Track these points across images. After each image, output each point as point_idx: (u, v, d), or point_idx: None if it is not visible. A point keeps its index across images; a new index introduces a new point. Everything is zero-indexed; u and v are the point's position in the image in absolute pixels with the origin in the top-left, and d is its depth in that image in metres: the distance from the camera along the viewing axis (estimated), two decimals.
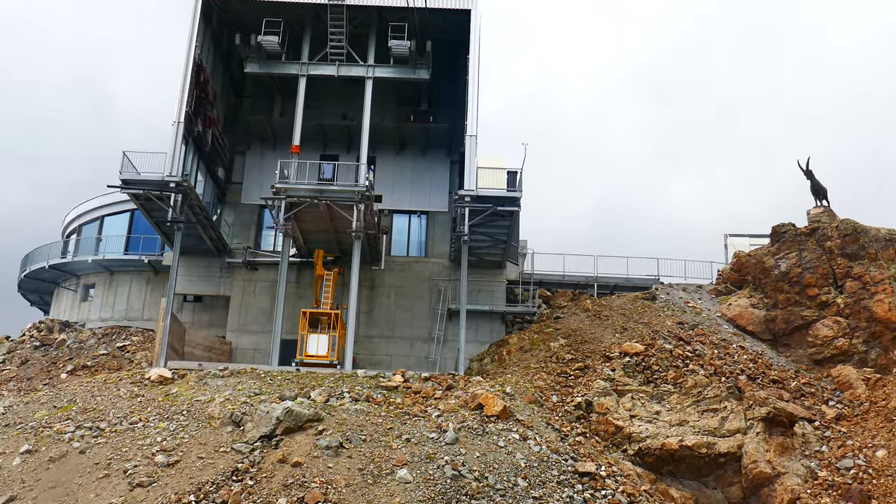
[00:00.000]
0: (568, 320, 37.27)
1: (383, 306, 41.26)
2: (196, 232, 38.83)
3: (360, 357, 40.30)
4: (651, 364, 31.66)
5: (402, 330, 40.87)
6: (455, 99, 42.99)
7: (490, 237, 38.25)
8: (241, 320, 41.25)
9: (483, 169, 35.69)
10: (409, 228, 43.04)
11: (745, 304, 39.13)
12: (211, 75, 39.89)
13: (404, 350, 40.65)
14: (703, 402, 30.17)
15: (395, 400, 29.05)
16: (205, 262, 42.09)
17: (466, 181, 35.41)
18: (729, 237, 47.55)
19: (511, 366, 33.95)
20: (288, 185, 35.24)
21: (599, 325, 36.12)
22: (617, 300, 39.81)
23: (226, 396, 28.52)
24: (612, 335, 34.87)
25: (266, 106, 44.23)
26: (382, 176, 43.36)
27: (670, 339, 34.46)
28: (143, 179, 35.11)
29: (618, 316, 37.16)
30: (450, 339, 40.62)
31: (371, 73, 38.69)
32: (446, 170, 43.34)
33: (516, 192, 35.36)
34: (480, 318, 40.70)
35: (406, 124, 42.79)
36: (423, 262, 42.04)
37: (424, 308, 41.06)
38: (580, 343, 34.16)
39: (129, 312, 43.47)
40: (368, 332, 40.89)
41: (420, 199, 43.01)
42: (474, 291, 40.77)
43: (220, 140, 41.30)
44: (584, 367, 31.94)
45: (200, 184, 39.66)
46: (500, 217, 36.19)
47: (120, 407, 28.77)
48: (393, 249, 42.51)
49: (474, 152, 35.92)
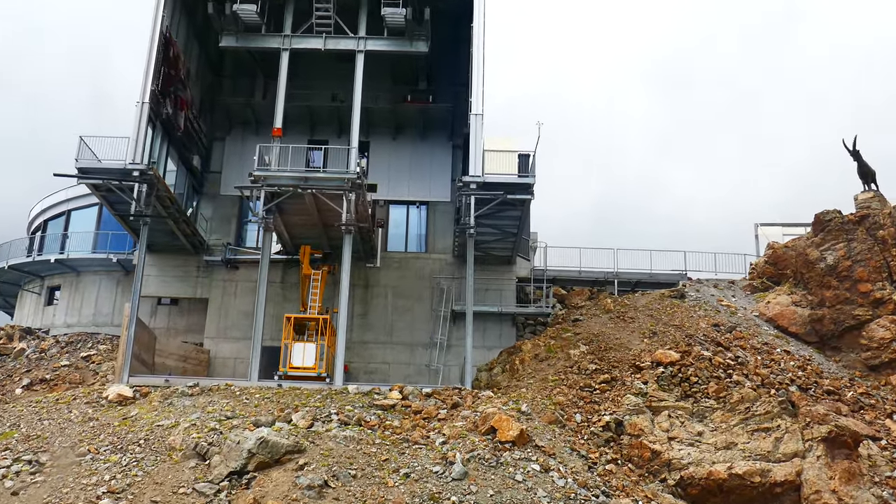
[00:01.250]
0: (588, 323, 32.89)
1: (379, 308, 36.93)
2: (167, 227, 34.48)
3: (354, 366, 36.00)
4: (689, 375, 27.30)
5: (400, 334, 36.54)
6: (457, 76, 38.43)
7: (498, 230, 33.86)
8: (220, 326, 36.93)
9: (491, 152, 31.27)
10: (407, 221, 38.67)
11: (785, 302, 34.77)
12: (183, 51, 35.44)
13: (403, 357, 36.34)
14: (753, 420, 25.81)
15: (391, 422, 24.71)
16: (180, 260, 37.73)
17: (472, 166, 30.99)
18: (760, 227, 43.16)
19: (525, 377, 29.60)
20: (268, 172, 30.84)
21: (625, 329, 31.75)
22: (641, 299, 35.43)
23: (192, 421, 24.17)
24: (640, 340, 30.50)
25: (247, 87, 39.77)
26: (377, 163, 39.00)
27: (707, 344, 30.10)
28: (102, 168, 30.71)
29: (644, 317, 32.78)
30: (454, 345, 36.30)
31: (362, 46, 34.23)
32: (448, 155, 38.92)
33: (529, 178, 30.93)
34: (488, 321, 36.37)
35: (403, 105, 38.34)
36: (423, 259, 37.68)
37: (425, 310, 36.74)
38: (604, 350, 29.78)
39: (98, 317, 39.12)
40: (363, 337, 36.56)
41: (419, 187, 38.62)
42: (481, 291, 36.41)
43: (194, 124, 36.89)
44: (610, 380, 27.57)
45: (171, 173, 35.26)
46: (510, 206, 31.79)
47: (69, 434, 24.44)
48: (389, 244, 38.14)
49: (480, 133, 31.48)
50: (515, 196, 30.81)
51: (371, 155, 39.14)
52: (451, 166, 38.69)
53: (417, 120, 38.60)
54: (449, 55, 38.34)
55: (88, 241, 40.43)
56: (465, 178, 30.88)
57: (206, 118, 38.76)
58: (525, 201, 31.36)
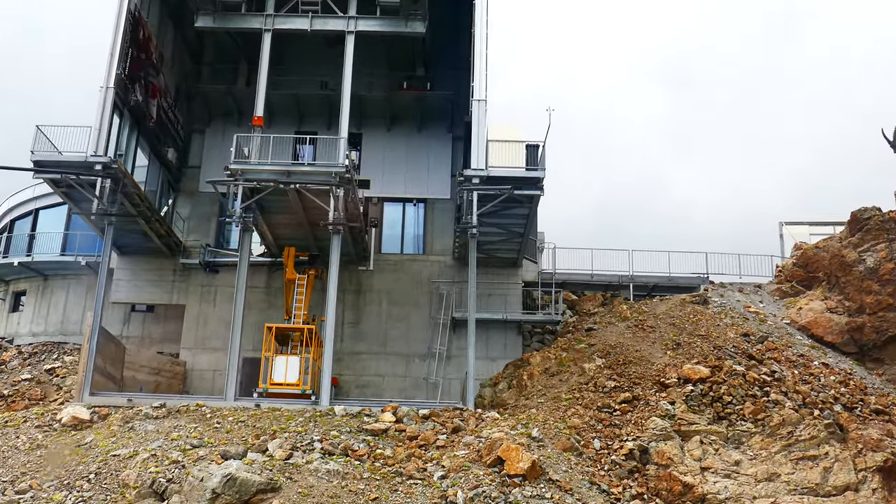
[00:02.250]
0: (603, 333, 29.64)
1: (373, 315, 33.68)
2: (138, 227, 31.25)
3: (345, 378, 32.79)
4: (721, 394, 24.04)
5: (395, 344, 33.30)
6: (457, 61, 35.14)
7: (503, 229, 30.61)
8: (198, 335, 33.70)
9: (495, 143, 28.03)
10: (403, 220, 35.42)
11: (819, 309, 31.52)
12: (156, 34, 32.21)
13: (399, 369, 33.11)
14: (797, 447, 22.58)
15: (383, 451, 21.45)
16: (154, 263, 34.48)
17: (474, 158, 27.75)
18: (785, 226, 39.91)
19: (535, 395, 26.35)
20: (247, 165, 27.58)
21: (645, 340, 28.50)
22: (660, 305, 32.16)
23: (152, 451, 20.92)
24: (663, 353, 27.26)
25: (230, 75, 36.50)
26: (370, 157, 35.77)
27: (738, 357, 26.85)
28: (60, 161, 27.46)
29: (666, 326, 29.53)
30: (454, 355, 33.07)
31: (352, 27, 30.92)
32: (448, 148, 35.67)
33: (538, 171, 27.67)
34: (492, 329, 33.14)
35: (398, 93, 35.07)
36: (420, 261, 34.45)
37: (423, 317, 33.51)
38: (623, 364, 26.53)
39: (66, 325, 35.89)
40: (355, 347, 33.34)
41: (416, 183, 35.38)
42: (484, 296, 33.15)
43: (169, 114, 33.65)
44: (632, 399, 24.32)
45: (142, 168, 32.03)
46: (516, 203, 28.55)
47: (12, 465, 21.24)
48: (384, 246, 34.90)
49: (483, 122, 28.25)
50: (523, 192, 27.55)
51: (364, 148, 35.90)
52: (450, 160, 35.47)
53: (414, 109, 35.35)
54: (448, 40, 35.13)
55: (57, 242, 37.20)
56: (467, 171, 27.65)
57: (183, 108, 35.52)
58: (533, 197, 28.11)
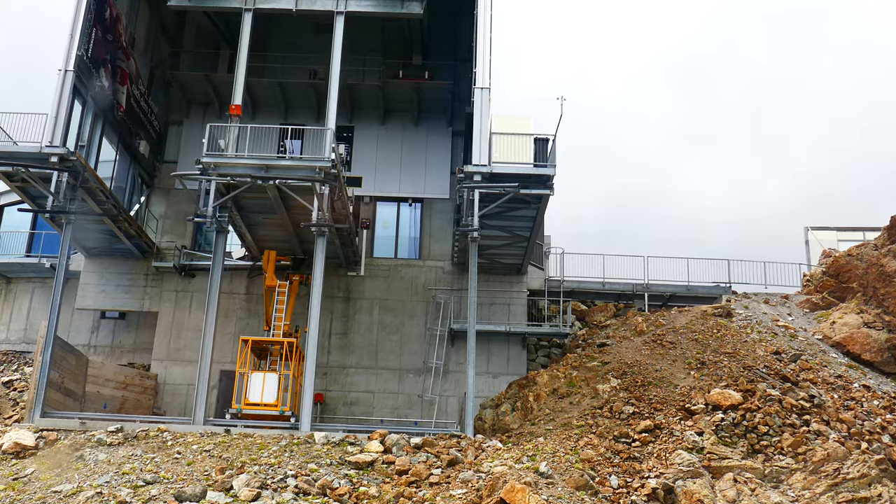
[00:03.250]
0: (618, 348, 26.66)
1: (363, 326, 30.73)
2: (104, 226, 28.34)
3: (332, 395, 29.90)
4: (756, 423, 21.06)
5: (387, 358, 30.36)
6: (458, 50, 32.47)
7: (508, 232, 27.68)
8: (171, 345, 30.78)
9: (500, 136, 25.07)
10: (397, 221, 32.48)
11: (855, 323, 28.55)
12: (127, 15, 29.32)
13: (391, 385, 30.16)
14: (845, 487, 19.58)
15: (367, 490, 18.46)
16: (126, 266, 31.61)
17: (476, 153, 24.80)
18: (811, 231, 36.95)
19: (542, 420, 23.36)
20: (221, 159, 24.64)
21: (665, 357, 25.52)
22: (679, 317, 29.18)
23: (98, 487, 17.95)
24: (686, 373, 24.29)
25: (210, 61, 33.59)
26: (363, 152, 32.87)
27: (771, 378, 23.88)
28: (13, 151, 24.51)
29: (687, 342, 26.55)
30: (452, 371, 30.16)
31: (342, 7, 27.95)
32: (447, 143, 32.77)
33: (547, 168, 24.72)
34: (494, 342, 30.24)
35: (394, 83, 32.11)
36: (416, 267, 31.52)
37: (418, 328, 30.61)
38: (642, 386, 23.56)
39: (29, 333, 32.81)
40: (343, 360, 30.41)
41: (412, 182, 32.46)
42: (485, 305, 30.32)
43: (142, 104, 30.72)
44: (654, 428, 21.33)
45: (107, 163, 29.09)
46: (522, 204, 25.61)
47: None
48: (376, 249, 31.98)
49: (486, 112, 25.31)
50: (530, 191, 24.58)
51: (355, 143, 33.00)
52: (450, 156, 32.58)
53: (411, 100, 32.40)
54: (449, 26, 32.43)
55: (22, 242, 34.24)
56: (468, 167, 24.70)
57: (159, 98, 32.59)
58: (542, 197, 25.15)
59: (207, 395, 28.11)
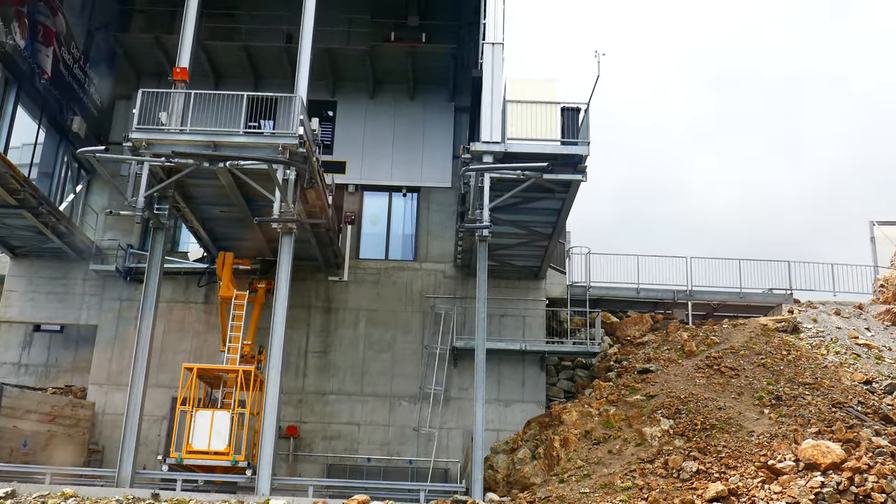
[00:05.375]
0: (665, 376, 21.12)
1: (346, 342, 25.27)
2: (25, 220, 22.87)
3: (308, 427, 24.55)
4: (869, 489, 15.50)
5: (376, 382, 24.93)
6: (462, 6, 26.73)
7: (524, 228, 22.15)
8: (113, 367, 25.38)
9: (517, 104, 19.44)
10: (388, 215, 26.99)
11: None
12: None
13: (380, 415, 24.73)
14: None
15: None
16: (60, 270, 26.28)
17: (486, 127, 19.21)
18: (877, 226, 31.36)
19: (573, 473, 17.85)
20: (155, 134, 19.07)
21: (726, 389, 19.99)
22: (735, 333, 23.64)
23: None
24: (758, 411, 18.78)
25: (165, 22, 27.95)
26: (347, 131, 27.37)
27: (870, 418, 18.37)
28: None
29: (752, 368, 21.02)
30: (455, 397, 24.75)
31: None
32: (448, 121, 27.29)
33: (579, 147, 19.10)
34: (506, 362, 24.80)
35: (384, 48, 26.48)
36: (411, 270, 26.04)
37: (413, 345, 25.20)
38: (702, 430, 18.04)
39: None
40: (322, 384, 24.97)
41: (407, 167, 26.98)
42: (495, 317, 24.90)
43: (76, 72, 25.18)
44: (728, 495, 15.79)
45: (28, 147, 23.58)
46: (545, 194, 20.07)
47: None
48: (363, 250, 26.52)
49: (500, 74, 19.70)
50: (557, 176, 18.97)
51: (339, 120, 27.51)
52: (452, 137, 27.13)
53: (405, 69, 26.80)
54: None
55: None
56: (477, 145, 19.10)
57: (101, 66, 27.00)
58: (571, 185, 19.55)
59: (145, 434, 22.92)
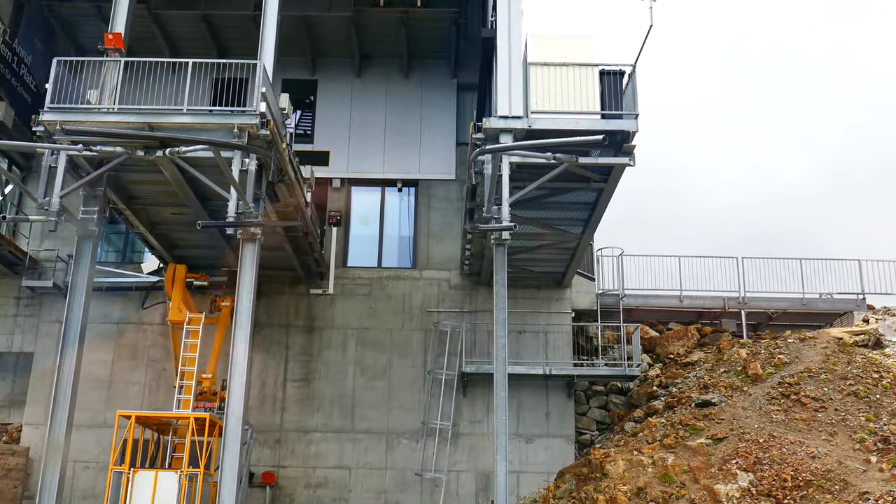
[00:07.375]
0: (732, 410, 16.82)
1: (333, 368, 20.98)
2: None
3: (288, 473, 20.38)
4: None
5: (370, 416, 20.64)
6: None
7: (549, 227, 17.82)
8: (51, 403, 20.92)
9: (542, 67, 15.06)
10: (381, 215, 22.66)
11: None
12: None
13: (375, 457, 20.45)
14: None
15: None
16: None
17: (503, 97, 14.85)
18: None
19: None
20: (75, 115, 14.70)
21: (812, 426, 15.72)
22: (805, 350, 19.34)
23: None
24: (863, 459, 14.52)
25: None
26: (330, 116, 23.13)
27: None
28: None
29: (841, 397, 16.74)
30: (465, 433, 20.52)
31: None
32: (451, 101, 23.00)
33: (624, 120, 14.73)
34: (525, 387, 20.54)
35: (372, 14, 22.06)
36: (409, 280, 21.72)
37: (414, 370, 20.93)
38: (793, 489, 13.76)
39: None
40: (304, 420, 20.70)
41: (402, 157, 22.67)
42: (512, 334, 20.46)
43: (2, 49, 20.85)
44: None
45: None
46: (577, 183, 15.76)
47: None
48: (351, 256, 22.22)
49: (518, 30, 15.36)
50: (596, 160, 14.62)
51: (320, 102, 23.23)
52: (455, 120, 22.89)
53: (397, 39, 22.43)
54: None
55: None
56: (491, 121, 14.73)
57: (34, 44, 22.64)
58: (612, 170, 15.22)
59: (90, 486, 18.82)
